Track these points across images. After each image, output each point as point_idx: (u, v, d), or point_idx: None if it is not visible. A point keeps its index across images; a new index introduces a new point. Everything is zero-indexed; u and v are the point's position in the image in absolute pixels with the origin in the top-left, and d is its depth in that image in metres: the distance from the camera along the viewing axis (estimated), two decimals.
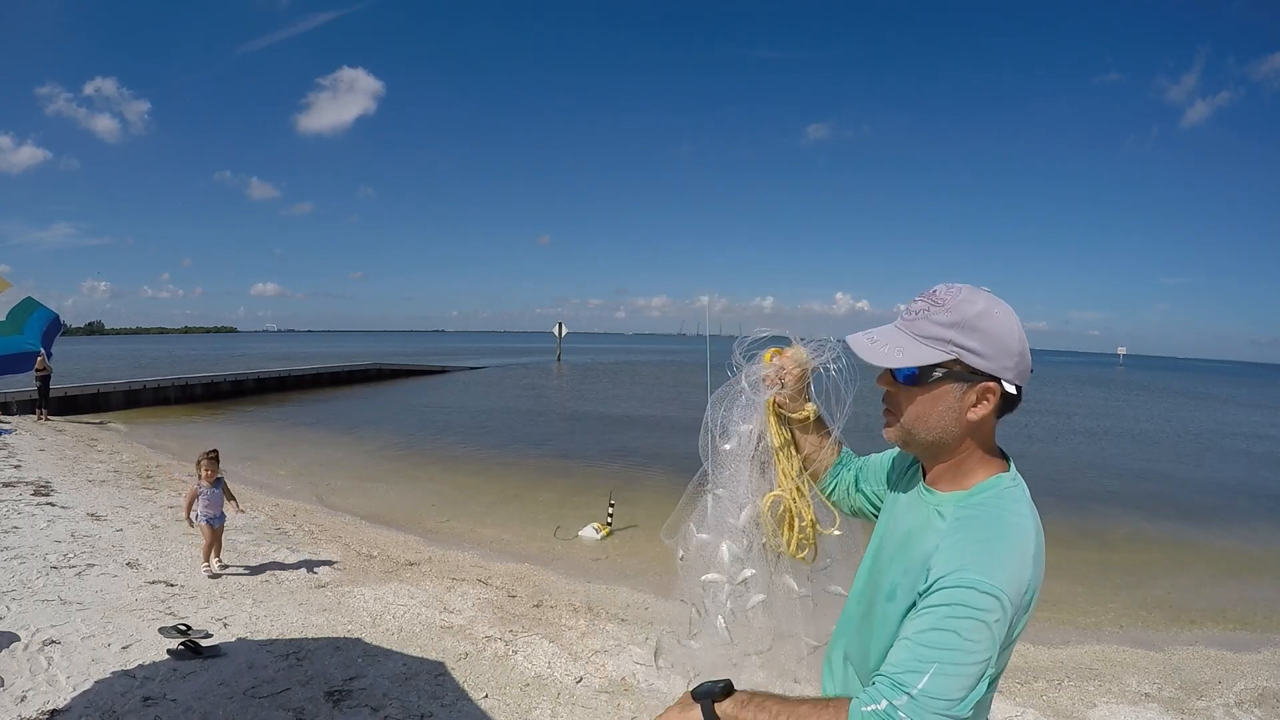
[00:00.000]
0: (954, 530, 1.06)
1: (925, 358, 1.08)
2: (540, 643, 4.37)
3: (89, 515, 6.78)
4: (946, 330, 1.07)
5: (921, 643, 0.99)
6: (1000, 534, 1.04)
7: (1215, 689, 4.34)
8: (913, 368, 1.09)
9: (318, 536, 6.90)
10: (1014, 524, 1.06)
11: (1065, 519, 9.16)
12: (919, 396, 1.11)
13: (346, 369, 30.55)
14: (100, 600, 4.55)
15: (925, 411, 1.11)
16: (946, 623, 0.98)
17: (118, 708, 3.20)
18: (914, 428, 1.13)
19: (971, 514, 1.08)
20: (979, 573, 0.99)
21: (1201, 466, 14.65)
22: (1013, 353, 1.07)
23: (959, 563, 1.01)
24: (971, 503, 1.10)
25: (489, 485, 10.42)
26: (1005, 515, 1.07)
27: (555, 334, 48.78)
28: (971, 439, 1.12)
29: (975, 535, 1.05)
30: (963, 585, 0.98)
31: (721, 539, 1.44)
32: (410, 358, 42.98)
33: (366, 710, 3.33)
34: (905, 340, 1.11)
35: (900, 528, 1.20)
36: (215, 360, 40.62)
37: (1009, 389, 1.08)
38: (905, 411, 1.13)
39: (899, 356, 1.10)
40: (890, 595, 1.12)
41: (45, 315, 3.04)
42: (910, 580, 1.08)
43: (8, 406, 15.82)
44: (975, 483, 1.13)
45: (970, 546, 1.03)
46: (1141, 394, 38.09)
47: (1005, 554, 1.02)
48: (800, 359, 1.40)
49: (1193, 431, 20.92)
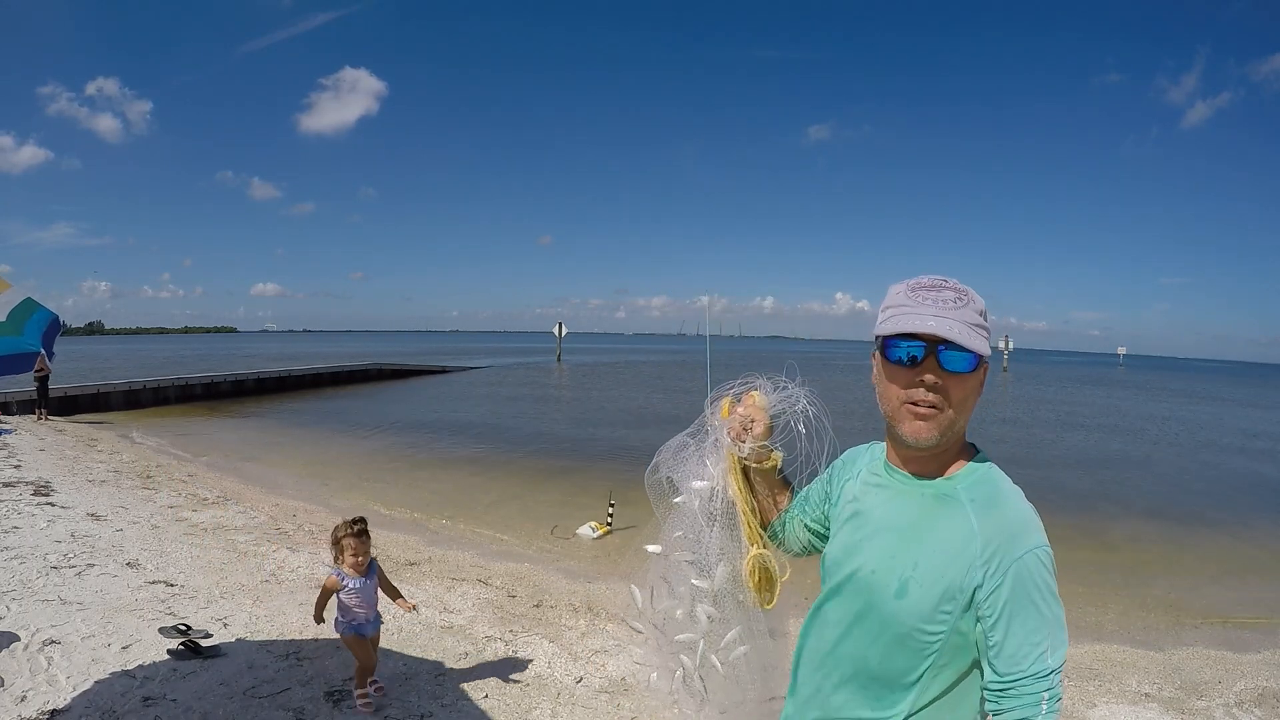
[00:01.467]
0: (984, 513, 1.10)
1: (985, 347, 1.10)
2: (540, 643, 4.37)
3: (89, 515, 6.78)
4: (984, 318, 1.12)
5: (1030, 626, 1.04)
6: (1020, 500, 1.12)
7: (1215, 689, 4.34)
8: (973, 354, 1.09)
9: (318, 536, 6.89)
10: (1013, 489, 1.14)
11: (1065, 519, 9.14)
12: (972, 384, 1.12)
13: (346, 369, 30.55)
14: (100, 600, 4.55)
15: (972, 399, 1.14)
16: (1041, 595, 1.04)
17: (118, 708, 3.20)
18: (959, 419, 1.13)
19: (988, 492, 1.13)
20: (1039, 538, 1.07)
21: (1202, 466, 14.64)
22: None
23: (1018, 538, 1.06)
24: (977, 478, 1.15)
25: (489, 485, 10.42)
26: (1009, 485, 1.15)
27: (555, 334, 48.77)
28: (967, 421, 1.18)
29: (1009, 509, 1.10)
30: (1035, 553, 1.05)
31: (697, 603, 1.37)
32: (410, 358, 42.98)
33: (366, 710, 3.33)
34: (963, 326, 1.09)
35: (892, 520, 1.17)
36: (215, 360, 40.60)
37: None
38: (957, 402, 1.11)
39: (968, 339, 1.08)
40: (901, 592, 1.10)
41: (45, 316, 3.04)
42: (932, 570, 1.09)
43: (8, 406, 15.81)
44: (965, 463, 1.17)
45: (1013, 520, 1.09)
46: (1141, 394, 38.08)
47: (1030, 517, 1.10)
48: (765, 407, 1.34)
49: (1193, 431, 20.90)
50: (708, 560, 1.36)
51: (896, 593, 1.11)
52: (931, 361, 1.09)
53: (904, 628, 1.10)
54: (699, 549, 1.37)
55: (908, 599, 1.09)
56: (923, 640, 1.09)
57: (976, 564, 1.05)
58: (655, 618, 1.42)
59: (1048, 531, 1.10)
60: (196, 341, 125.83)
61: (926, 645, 1.09)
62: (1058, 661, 1.03)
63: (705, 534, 1.36)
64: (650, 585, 1.44)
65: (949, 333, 1.07)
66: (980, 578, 1.05)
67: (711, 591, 1.35)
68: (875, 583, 1.14)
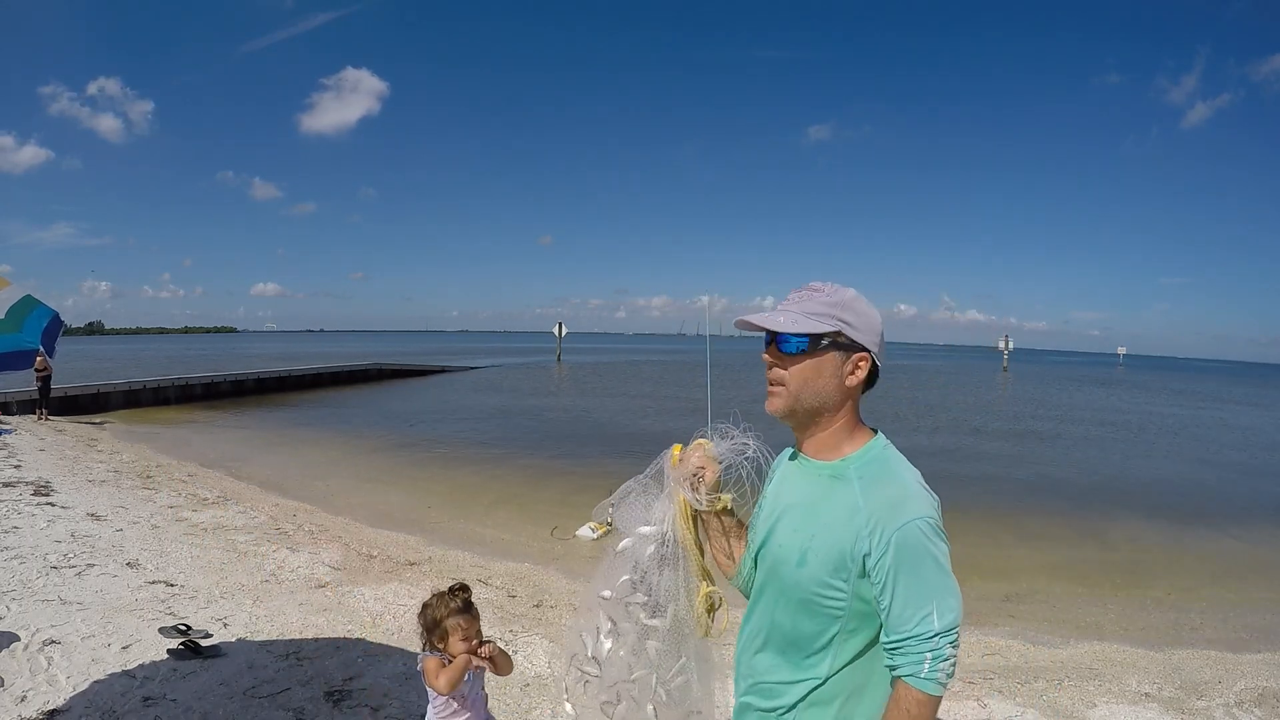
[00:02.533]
0: (869, 489, 1.22)
1: (815, 328, 1.24)
2: (540, 643, 4.36)
3: (89, 515, 6.78)
4: (830, 308, 1.25)
5: (914, 590, 1.15)
6: (908, 477, 1.24)
7: (1215, 689, 4.33)
8: (804, 336, 1.24)
9: (318, 536, 6.90)
10: (905, 469, 1.25)
11: (1065, 519, 9.15)
12: (808, 363, 1.26)
13: (346, 369, 30.58)
14: (100, 600, 4.55)
15: (812, 377, 1.26)
16: (923, 562, 1.15)
17: (118, 708, 3.20)
18: (802, 393, 1.27)
19: (877, 471, 1.25)
20: (920, 508, 1.18)
21: (1201, 466, 14.64)
22: (878, 332, 1.28)
23: (898, 509, 1.17)
24: (869, 459, 1.27)
25: (489, 485, 10.42)
26: (901, 465, 1.26)
27: (555, 334, 48.78)
28: (848, 406, 1.29)
29: (893, 485, 1.22)
30: (916, 524, 1.16)
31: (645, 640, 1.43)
32: (410, 358, 42.99)
33: (366, 710, 3.33)
34: (795, 315, 1.26)
35: (797, 499, 1.31)
36: (215, 360, 40.61)
37: (877, 363, 1.28)
38: (793, 381, 1.27)
39: (795, 325, 1.24)
40: (800, 561, 1.24)
41: (45, 313, 3.02)
42: (826, 541, 1.21)
43: (8, 406, 15.81)
44: (858, 447, 1.29)
45: (895, 494, 1.20)
46: (1141, 394, 38.07)
47: (916, 493, 1.21)
48: (715, 456, 1.40)
49: (1193, 431, 20.90)
50: (659, 601, 1.43)
51: (798, 562, 1.24)
52: (772, 348, 1.28)
53: (806, 593, 1.23)
54: (651, 591, 1.44)
55: (807, 567, 1.23)
56: (826, 605, 1.22)
57: (863, 534, 1.18)
58: (603, 659, 1.48)
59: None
60: (196, 341, 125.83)
61: (831, 610, 1.22)
62: (944, 625, 1.14)
63: (655, 577, 1.44)
64: (596, 627, 1.50)
65: (772, 323, 1.26)
66: (868, 546, 1.17)
67: (663, 630, 1.43)
68: (781, 555, 1.29)
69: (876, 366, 1.28)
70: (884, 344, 1.30)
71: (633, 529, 1.47)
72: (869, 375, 1.28)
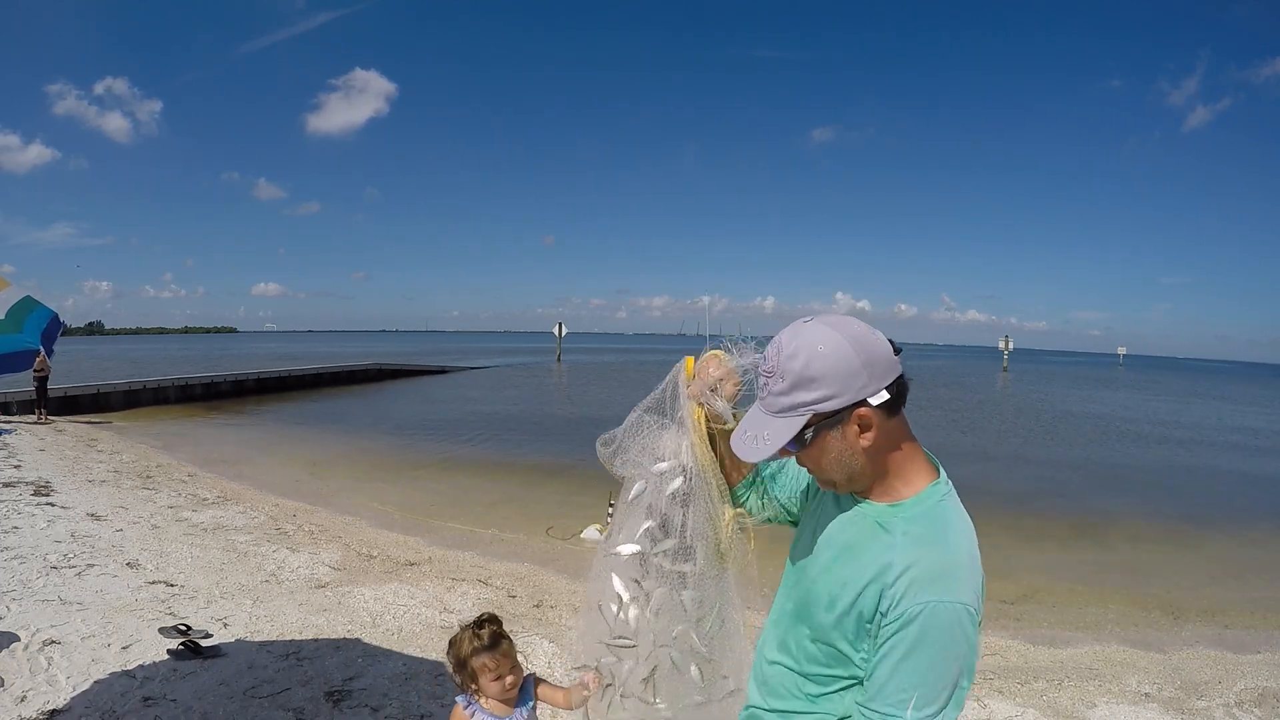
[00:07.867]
0: (912, 549, 1.08)
1: (788, 431, 1.11)
2: (540, 643, 4.37)
3: (89, 515, 6.78)
4: (789, 397, 1.10)
5: (908, 670, 1.03)
6: (960, 545, 1.09)
7: (1215, 689, 4.33)
8: (788, 444, 1.12)
9: (318, 536, 6.90)
10: (961, 530, 1.11)
11: (1065, 519, 9.14)
12: (812, 453, 1.15)
13: (346, 369, 30.53)
14: (100, 600, 4.55)
15: (825, 463, 1.15)
16: (936, 651, 1.03)
17: (118, 708, 3.20)
18: (830, 476, 1.17)
19: (925, 529, 1.11)
20: (958, 593, 1.04)
21: (1201, 466, 14.64)
22: (857, 371, 1.07)
23: (938, 583, 1.04)
24: (920, 512, 1.13)
25: (489, 485, 10.42)
26: (955, 525, 1.12)
27: (555, 334, 48.77)
28: (882, 459, 1.14)
29: (940, 551, 1.08)
30: (951, 607, 1.02)
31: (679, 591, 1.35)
32: (410, 358, 42.96)
33: (366, 710, 3.33)
34: (767, 421, 1.14)
35: (838, 538, 1.20)
36: (215, 360, 40.60)
37: (879, 399, 1.08)
38: (816, 468, 1.18)
39: (768, 445, 1.12)
40: (829, 605, 1.15)
41: (45, 314, 3.02)
42: (853, 593, 1.11)
43: (8, 406, 15.81)
44: (911, 494, 1.15)
45: (939, 564, 1.06)
46: (1142, 394, 38.06)
47: (964, 567, 1.07)
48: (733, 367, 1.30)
49: (1192, 431, 20.90)
50: (688, 542, 1.34)
51: (826, 606, 1.15)
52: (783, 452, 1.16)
53: (828, 637, 1.15)
54: (677, 533, 1.34)
55: (833, 613, 1.14)
56: (845, 653, 1.14)
57: (886, 593, 1.07)
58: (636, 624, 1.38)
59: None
60: (197, 341, 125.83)
61: (849, 659, 1.13)
62: (917, 717, 1.02)
63: (677, 517, 1.33)
64: (618, 594, 1.40)
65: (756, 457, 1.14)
66: (887, 606, 1.06)
67: (696, 574, 1.34)
68: (814, 591, 1.19)
69: (887, 389, 1.09)
70: (879, 364, 1.08)
71: (647, 470, 1.34)
72: (890, 401, 1.09)
